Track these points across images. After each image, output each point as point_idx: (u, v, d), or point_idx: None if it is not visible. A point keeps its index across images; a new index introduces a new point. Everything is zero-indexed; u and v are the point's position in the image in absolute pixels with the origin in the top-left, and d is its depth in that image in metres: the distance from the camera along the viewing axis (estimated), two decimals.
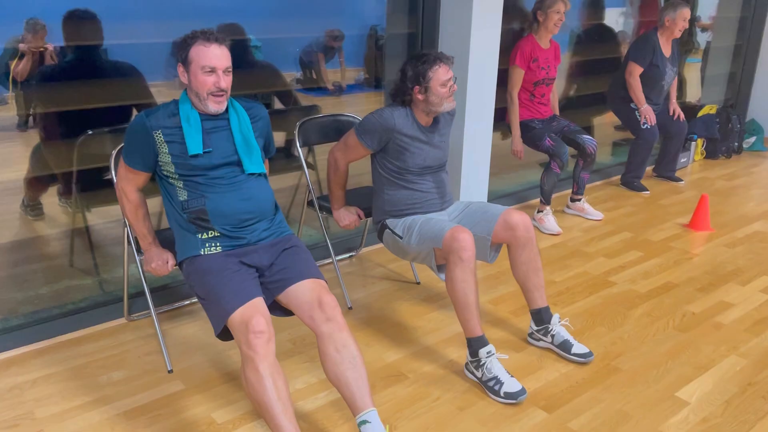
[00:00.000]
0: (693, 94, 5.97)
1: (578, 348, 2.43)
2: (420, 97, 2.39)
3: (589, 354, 2.42)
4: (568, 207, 4.09)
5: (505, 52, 3.75)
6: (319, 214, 2.79)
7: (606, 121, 5.32)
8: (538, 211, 3.84)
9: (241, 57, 3.22)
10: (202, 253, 1.98)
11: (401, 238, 2.44)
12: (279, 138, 3.37)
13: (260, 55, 3.59)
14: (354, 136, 2.47)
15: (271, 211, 2.10)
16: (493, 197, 4.21)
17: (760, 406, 2.20)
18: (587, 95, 4.88)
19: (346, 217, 2.67)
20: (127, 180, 2.07)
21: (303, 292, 1.93)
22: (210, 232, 1.99)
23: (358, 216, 2.69)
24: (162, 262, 2.13)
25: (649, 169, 4.91)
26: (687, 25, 4.20)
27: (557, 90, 4.17)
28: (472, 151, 3.49)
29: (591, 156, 3.85)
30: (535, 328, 2.52)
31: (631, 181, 4.56)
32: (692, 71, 6.02)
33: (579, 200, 4.02)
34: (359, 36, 3.63)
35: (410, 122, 2.44)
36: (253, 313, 1.77)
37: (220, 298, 1.84)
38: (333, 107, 3.52)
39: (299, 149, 2.79)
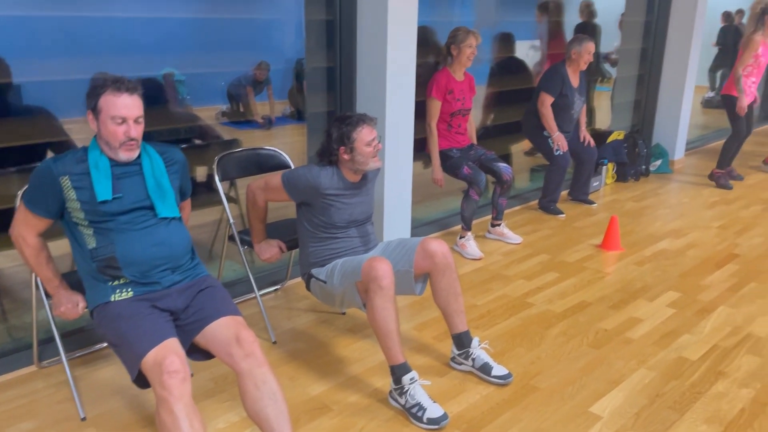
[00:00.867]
0: (603, 121, 6.34)
1: (498, 370, 2.51)
2: (346, 157, 2.46)
3: (508, 375, 2.50)
4: (489, 232, 4.22)
5: (423, 85, 3.88)
6: (241, 249, 2.78)
7: (524, 148, 5.57)
8: (460, 237, 3.95)
9: (161, 93, 3.21)
10: (113, 299, 1.93)
11: (325, 282, 2.47)
12: (201, 172, 3.34)
13: (184, 89, 3.57)
14: (279, 182, 2.50)
15: (186, 255, 2.07)
16: (418, 225, 4.31)
17: (668, 416, 2.33)
18: (504, 124, 5.10)
19: (267, 250, 2.67)
20: (27, 225, 2.00)
21: (220, 330, 1.91)
22: (121, 279, 1.95)
23: (280, 249, 2.70)
24: (72, 305, 2.06)
25: (564, 193, 5.15)
26: (591, 59, 4.48)
27: (475, 120, 4.33)
28: (394, 180, 3.57)
29: (507, 182, 4.01)
30: (457, 352, 2.58)
31: (548, 205, 4.76)
32: (603, 99, 6.40)
33: (499, 225, 4.16)
34: (284, 70, 3.68)
35: (337, 181, 2.50)
36: (167, 353, 1.74)
37: (132, 342, 1.80)
38: (263, 140, 3.54)
39: (218, 184, 2.77)
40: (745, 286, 3.46)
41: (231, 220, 2.80)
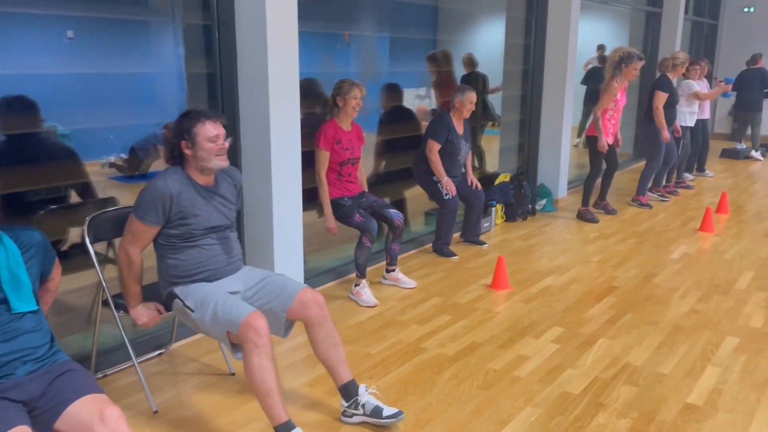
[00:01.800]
0: (493, 164, 6.64)
1: (388, 411, 2.51)
2: (188, 152, 2.43)
3: (399, 413, 2.51)
4: (384, 278, 4.25)
5: (312, 135, 3.91)
6: (116, 314, 2.63)
7: (419, 193, 5.70)
8: (355, 285, 3.95)
9: (42, 146, 3.06)
10: None
11: (193, 311, 2.39)
12: (76, 233, 3.16)
13: (69, 143, 3.41)
14: (136, 221, 2.41)
15: (44, 347, 1.94)
16: (314, 274, 4.27)
17: None
18: (396, 170, 5.21)
19: (145, 314, 2.54)
20: None
21: (81, 410, 1.78)
22: None
23: (158, 311, 2.58)
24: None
25: (456, 235, 5.30)
26: (473, 107, 4.70)
27: (367, 167, 4.40)
28: (284, 231, 3.53)
29: (399, 228, 4.07)
30: (346, 404, 2.54)
31: (441, 248, 4.88)
32: (494, 143, 6.72)
33: (393, 270, 4.21)
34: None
35: (186, 183, 2.45)
36: None
37: None
38: None
39: (89, 246, 2.63)
40: (622, 318, 3.67)
41: (104, 284, 2.65)
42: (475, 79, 6.44)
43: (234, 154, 3.47)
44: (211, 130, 2.41)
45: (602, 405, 2.73)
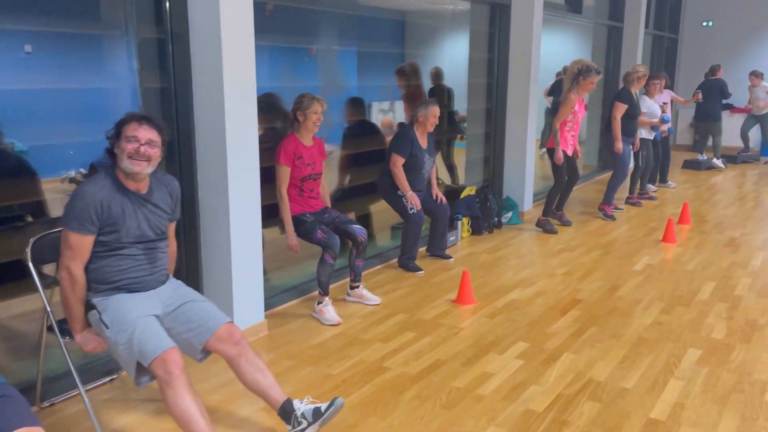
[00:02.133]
0: (459, 177, 6.63)
1: (325, 405, 2.49)
2: (117, 152, 2.38)
3: (336, 398, 2.50)
4: (348, 295, 4.18)
5: (273, 150, 3.83)
6: (61, 340, 2.51)
7: (384, 207, 5.65)
8: (318, 303, 3.87)
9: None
10: None
11: (108, 328, 2.31)
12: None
13: (27, 159, 3.29)
14: (71, 234, 2.33)
15: None
16: (277, 291, 4.18)
17: None
18: (361, 185, 5.16)
19: (91, 340, 2.43)
20: None
21: None
22: None
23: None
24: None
25: (423, 249, 5.26)
26: (437, 121, 4.68)
27: (331, 181, 4.34)
28: (242, 249, 3.44)
29: (362, 244, 4.01)
30: (291, 428, 2.48)
31: (407, 263, 4.83)
32: (459, 155, 6.72)
33: (357, 287, 4.14)
34: None
35: (116, 188, 2.40)
36: None
37: None
38: None
39: (32, 269, 2.51)
40: (586, 332, 3.65)
41: (48, 309, 2.53)
42: (440, 93, 6.44)
43: (190, 171, 3.37)
44: (130, 130, 2.36)
45: (566, 423, 2.70)
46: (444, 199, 5.00)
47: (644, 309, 4.00)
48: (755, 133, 10.37)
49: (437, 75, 6.46)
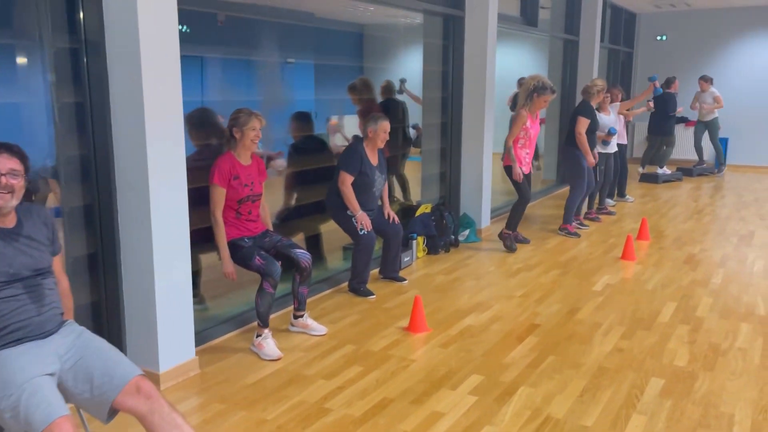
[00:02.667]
0: (415, 194, 6.39)
1: None
2: None
3: None
4: (292, 324, 3.88)
5: (208, 169, 3.53)
6: None
7: (336, 226, 5.37)
8: (257, 336, 3.56)
9: None
10: None
11: None
12: None
13: None
14: None
15: None
16: (215, 322, 3.86)
17: None
18: (309, 204, 4.88)
19: None
20: None
21: None
22: None
23: None
24: None
25: (376, 271, 4.99)
26: (387, 137, 4.44)
27: (277, 201, 4.05)
28: (166, 282, 3.11)
29: (306, 270, 3.73)
30: None
31: (357, 287, 4.55)
32: (416, 170, 6.49)
33: (302, 316, 3.85)
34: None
35: None
36: None
37: None
38: None
39: None
40: (544, 361, 3.43)
41: None
42: (394, 107, 6.22)
43: (108, 194, 3.04)
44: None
45: None
46: (396, 219, 4.75)
47: (604, 334, 3.81)
48: (709, 145, 10.50)
49: (388, 89, 6.24)
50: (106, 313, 3.18)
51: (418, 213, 5.68)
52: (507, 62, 9.83)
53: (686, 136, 10.99)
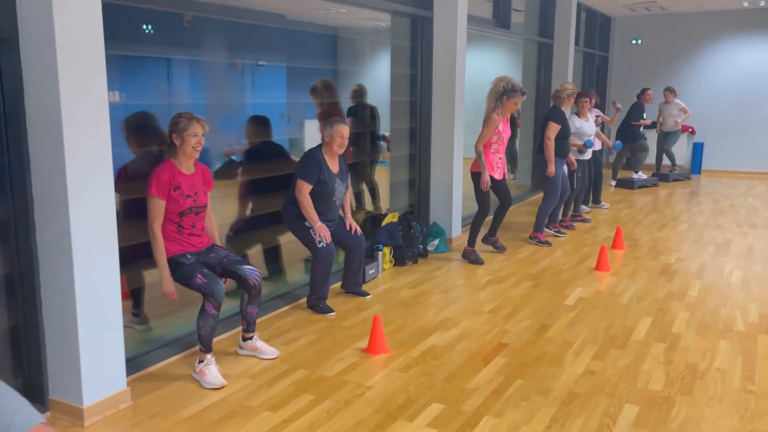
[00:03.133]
0: (384, 201, 6.12)
1: None
2: None
3: None
4: (240, 347, 3.58)
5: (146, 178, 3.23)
6: None
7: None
8: (199, 362, 3.26)
9: None
10: None
11: None
12: None
13: None
14: None
15: None
16: (156, 346, 3.55)
17: None
18: (267, 215, 4.58)
19: None
20: None
21: None
22: None
23: None
24: None
25: (339, 284, 4.71)
26: (345, 141, 4.16)
27: (231, 212, 3.76)
28: (90, 301, 2.79)
29: (255, 288, 3.43)
30: None
31: (316, 304, 4.27)
32: (385, 176, 6.22)
33: (251, 338, 3.55)
34: None
35: None
36: None
37: None
38: None
39: None
40: (510, 386, 3.18)
41: None
42: (362, 111, 5.95)
43: (24, 208, 2.72)
44: None
45: None
46: (359, 230, 4.47)
47: (576, 354, 3.56)
48: (679, 148, 10.45)
49: (359, 93, 5.97)
50: (24, 340, 2.85)
51: (384, 222, 5.41)
52: (480, 65, 9.64)
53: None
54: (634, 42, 11.83)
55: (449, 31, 5.78)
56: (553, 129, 5.93)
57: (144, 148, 3.54)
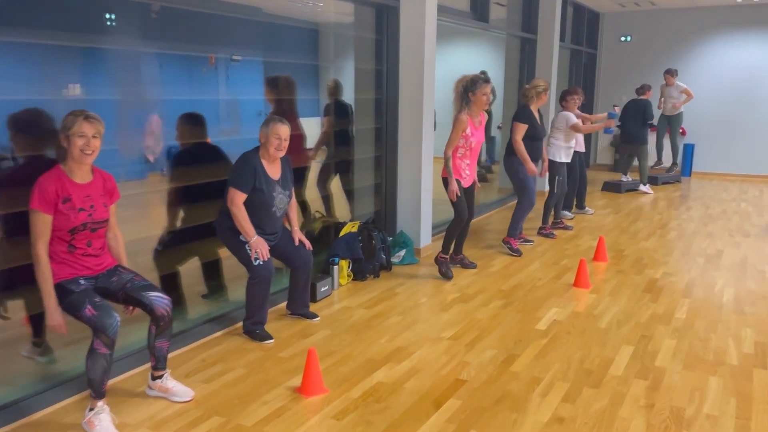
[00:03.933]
0: (347, 209, 5.58)
1: None
2: None
3: None
4: (150, 387, 3.05)
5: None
6: None
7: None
8: (90, 409, 2.72)
9: None
10: None
11: None
12: None
13: None
14: None
15: None
16: (52, 384, 3.02)
17: None
18: (202, 225, 4.04)
19: None
20: None
21: None
22: None
23: None
24: None
25: (284, 304, 4.18)
26: (283, 144, 3.63)
27: (158, 222, 3.24)
28: None
29: (164, 319, 2.90)
30: None
31: (253, 329, 3.74)
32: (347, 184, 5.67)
33: (161, 377, 3.02)
34: None
35: None
36: None
37: None
38: None
39: None
40: None
41: None
42: (339, 109, 5.43)
43: None
44: None
45: None
46: (308, 244, 3.95)
47: (542, 395, 3.05)
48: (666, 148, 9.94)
49: (335, 89, 5.44)
50: None
51: (342, 233, 4.89)
52: (459, 62, 9.13)
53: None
54: (623, 39, 11.34)
55: (417, 22, 5.26)
56: (519, 129, 5.43)
57: (33, 151, 3.00)
